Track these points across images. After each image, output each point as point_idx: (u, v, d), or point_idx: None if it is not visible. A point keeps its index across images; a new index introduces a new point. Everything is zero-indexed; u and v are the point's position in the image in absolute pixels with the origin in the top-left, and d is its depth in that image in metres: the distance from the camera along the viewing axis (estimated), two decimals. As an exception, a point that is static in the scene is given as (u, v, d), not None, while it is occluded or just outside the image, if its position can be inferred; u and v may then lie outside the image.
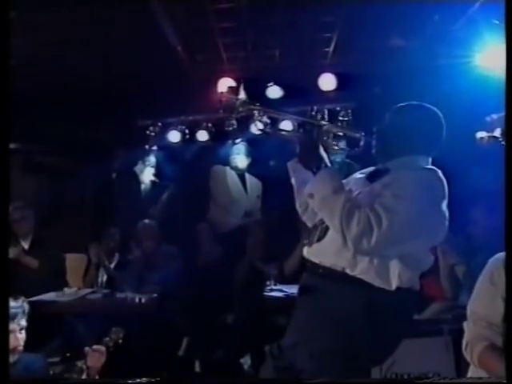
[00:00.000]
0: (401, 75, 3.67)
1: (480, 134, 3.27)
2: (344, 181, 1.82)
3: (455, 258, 2.85)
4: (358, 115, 4.21)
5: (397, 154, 1.71)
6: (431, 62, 3.38)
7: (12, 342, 1.84)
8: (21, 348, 1.86)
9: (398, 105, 1.78)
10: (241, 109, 1.75)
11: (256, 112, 1.79)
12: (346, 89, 4.10)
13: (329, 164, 1.69)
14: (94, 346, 1.96)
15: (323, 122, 1.75)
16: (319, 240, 1.72)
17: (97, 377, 1.93)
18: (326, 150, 1.72)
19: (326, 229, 1.69)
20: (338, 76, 4.02)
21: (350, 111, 4.21)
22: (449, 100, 3.55)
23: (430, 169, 1.69)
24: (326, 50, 3.79)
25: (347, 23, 3.28)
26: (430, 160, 1.75)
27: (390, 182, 1.63)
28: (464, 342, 1.60)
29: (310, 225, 1.89)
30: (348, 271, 1.63)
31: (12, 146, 4.79)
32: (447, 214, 1.65)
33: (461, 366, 1.71)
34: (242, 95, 1.73)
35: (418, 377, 2.38)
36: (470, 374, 1.63)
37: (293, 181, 1.88)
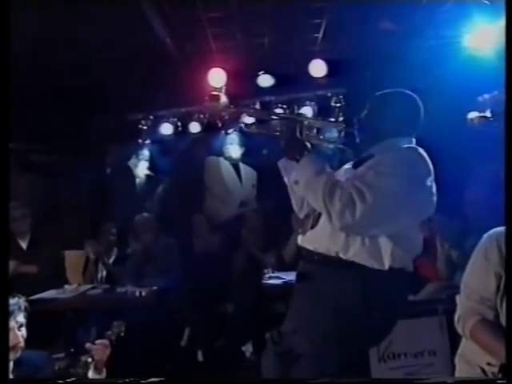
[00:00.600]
0: (391, 59, 3.67)
1: (471, 115, 3.29)
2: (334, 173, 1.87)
3: (451, 239, 2.89)
4: (350, 100, 4.26)
5: (379, 139, 1.78)
6: (421, 45, 3.37)
7: (12, 340, 1.84)
8: (22, 345, 1.87)
9: (376, 94, 1.86)
10: (223, 113, 1.82)
11: (239, 113, 1.85)
12: (336, 74, 4.09)
13: (310, 150, 1.76)
14: (98, 341, 1.98)
15: (304, 117, 1.82)
16: (312, 227, 1.77)
17: (104, 369, 1.96)
18: (309, 142, 1.78)
19: (319, 216, 1.74)
20: (329, 62, 4.00)
21: (341, 97, 4.27)
22: (439, 82, 3.57)
23: (411, 147, 1.75)
24: (316, 35, 3.78)
25: (336, 8, 3.26)
26: (414, 141, 1.80)
27: (373, 164, 1.69)
28: (456, 316, 1.64)
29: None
30: (341, 255, 1.67)
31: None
32: (433, 189, 1.69)
33: (455, 344, 1.74)
34: (224, 100, 1.79)
35: (418, 377, 2.43)
36: (461, 347, 1.67)
37: (285, 180, 1.92)
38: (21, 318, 1.89)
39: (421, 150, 1.71)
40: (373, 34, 3.59)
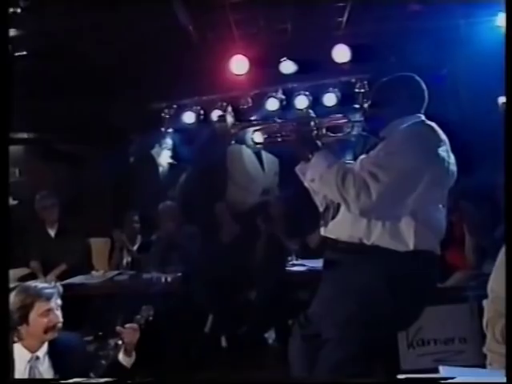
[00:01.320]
0: (417, 43, 3.57)
1: (503, 99, 3.19)
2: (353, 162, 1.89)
3: (480, 227, 2.82)
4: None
5: (388, 122, 1.78)
6: (449, 27, 3.27)
7: (53, 319, 1.94)
8: (60, 325, 1.95)
9: (377, 83, 1.89)
10: (233, 131, 1.79)
11: (246, 127, 1.84)
12: (360, 60, 4.01)
13: (319, 146, 1.76)
14: (128, 324, 2.03)
15: (312, 118, 1.81)
16: (333, 218, 1.78)
17: (133, 352, 2.01)
18: (320, 141, 1.78)
19: (338, 207, 1.76)
20: (353, 47, 3.93)
21: (365, 82, 4.19)
22: (469, 64, 3.47)
23: (417, 121, 1.75)
24: (340, 19, 3.71)
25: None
26: (422, 116, 1.79)
27: (382, 145, 1.71)
28: (484, 321, 1.61)
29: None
30: (365, 241, 1.67)
31: (31, 136, 4.87)
32: (450, 158, 1.68)
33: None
34: (230, 119, 1.79)
35: (418, 378, 2.39)
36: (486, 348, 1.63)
37: (306, 184, 1.90)
38: (59, 301, 1.96)
39: (428, 122, 1.72)
40: (399, 17, 3.50)
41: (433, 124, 1.72)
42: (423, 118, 1.80)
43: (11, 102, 1.60)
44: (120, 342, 1.99)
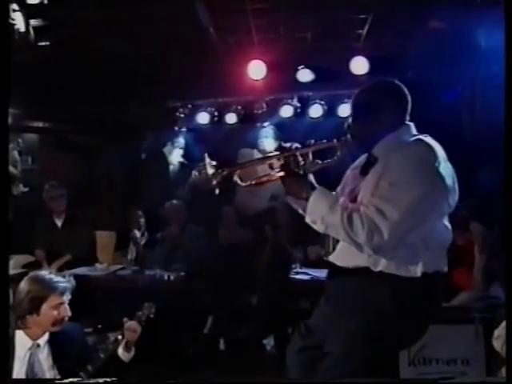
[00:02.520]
0: (437, 59, 3.57)
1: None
2: (343, 179, 1.84)
3: (489, 249, 2.80)
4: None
5: (377, 139, 1.69)
6: (470, 46, 3.26)
7: (63, 313, 1.97)
8: (67, 318, 1.97)
9: (355, 93, 1.78)
10: (214, 181, 1.71)
11: (228, 173, 1.72)
12: (378, 73, 4.01)
13: (316, 186, 1.68)
14: (129, 323, 2.04)
15: (296, 149, 1.71)
16: (334, 248, 1.73)
17: (133, 348, 2.01)
18: (307, 172, 1.70)
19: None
20: (371, 59, 3.93)
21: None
22: (488, 86, 3.45)
23: (415, 141, 1.65)
24: (360, 31, 3.71)
25: (383, 4, 3.19)
26: (411, 126, 1.71)
27: (381, 170, 1.62)
28: (496, 333, 1.59)
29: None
30: (372, 268, 1.64)
31: (46, 125, 4.93)
32: (451, 172, 1.61)
33: (491, 355, 1.68)
34: (210, 169, 1.72)
35: (418, 379, 2.36)
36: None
37: (300, 211, 1.83)
38: (69, 295, 1.99)
39: (424, 139, 1.64)
40: (419, 33, 3.50)
41: (429, 140, 1.64)
42: (413, 129, 1.70)
43: (9, 96, 1.60)
44: (120, 337, 1.99)
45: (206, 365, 3.28)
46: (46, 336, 1.95)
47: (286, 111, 4.33)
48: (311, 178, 1.71)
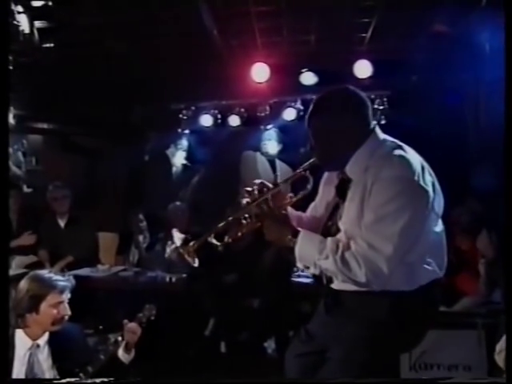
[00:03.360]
0: (441, 63, 3.56)
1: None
2: (318, 195, 1.77)
3: (493, 256, 2.78)
4: (393, 103, 4.17)
5: (347, 155, 1.58)
6: (474, 51, 3.25)
7: (62, 312, 1.98)
8: (67, 317, 1.97)
9: (310, 110, 1.63)
10: (188, 255, 1.63)
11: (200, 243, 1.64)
12: (381, 76, 4.01)
13: (298, 229, 1.60)
14: (129, 324, 2.04)
15: (265, 192, 1.64)
16: (330, 280, 1.67)
17: (133, 350, 2.01)
18: (283, 211, 1.65)
19: None
20: (374, 63, 3.92)
21: (385, 99, 4.18)
22: (491, 90, 3.43)
23: (388, 158, 1.53)
24: (363, 35, 3.71)
25: (387, 8, 3.18)
26: (377, 130, 1.60)
27: (360, 195, 1.53)
28: (498, 348, 1.57)
29: None
30: (369, 289, 1.59)
31: (50, 126, 4.96)
32: (428, 178, 1.52)
33: (492, 360, 1.67)
34: (176, 239, 1.66)
35: (418, 379, 2.34)
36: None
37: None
38: (69, 294, 2.00)
39: (398, 153, 1.52)
40: (422, 36, 3.49)
41: (403, 152, 1.52)
42: (381, 134, 1.59)
43: (9, 95, 1.61)
44: (120, 339, 1.99)
45: (206, 367, 3.28)
46: (46, 336, 1.96)
47: (289, 114, 4.33)
48: (291, 216, 1.64)
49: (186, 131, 4.73)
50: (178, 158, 4.93)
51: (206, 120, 4.53)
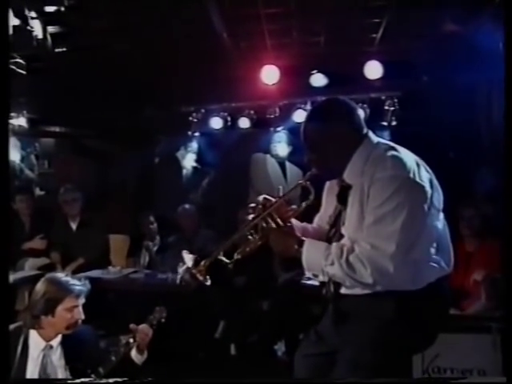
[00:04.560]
0: (452, 63, 3.52)
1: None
2: (323, 205, 1.80)
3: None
4: (404, 104, 4.14)
5: (344, 162, 1.63)
6: (485, 51, 3.21)
7: (77, 316, 2.00)
8: (80, 322, 1.99)
9: (303, 123, 1.69)
10: (200, 274, 1.66)
11: (211, 261, 1.68)
12: (392, 77, 3.98)
13: (303, 239, 1.63)
14: (141, 326, 2.05)
15: (268, 207, 1.67)
16: (336, 289, 1.68)
17: (146, 351, 2.03)
18: (288, 223, 1.67)
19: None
20: (385, 64, 3.90)
21: (395, 100, 4.15)
22: (501, 90, 3.39)
23: (381, 159, 1.57)
24: (374, 36, 3.69)
25: (398, 7, 3.16)
26: (372, 135, 1.65)
27: (359, 199, 1.57)
28: None
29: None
30: (377, 290, 1.60)
31: (62, 130, 5.02)
32: (424, 175, 1.55)
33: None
34: (187, 259, 1.69)
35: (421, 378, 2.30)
36: None
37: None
38: (84, 298, 2.03)
39: (391, 153, 1.56)
40: (433, 37, 3.46)
41: (396, 152, 1.56)
42: (374, 137, 1.64)
43: (9, 99, 1.63)
44: (131, 340, 2.01)
45: (216, 369, 3.28)
46: (59, 338, 1.98)
47: (299, 116, 4.32)
48: (296, 227, 1.67)
49: (196, 133, 4.75)
50: (188, 161, 4.95)
51: (216, 122, 4.55)
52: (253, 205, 1.71)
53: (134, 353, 2.00)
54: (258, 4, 3.21)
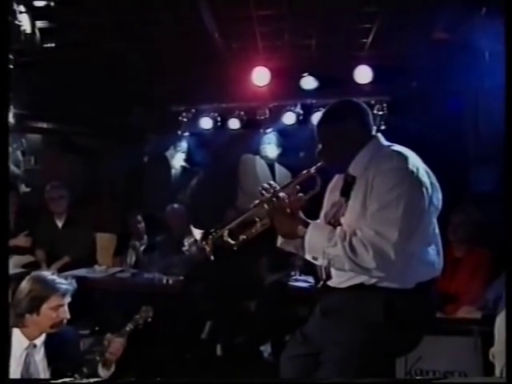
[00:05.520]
0: (441, 70, 3.57)
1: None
2: (325, 202, 1.85)
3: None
4: (393, 109, 4.18)
5: (350, 158, 1.73)
6: (474, 57, 3.26)
7: (62, 315, 1.98)
8: (65, 321, 1.97)
9: (318, 122, 1.82)
10: (207, 246, 1.72)
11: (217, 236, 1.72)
12: (382, 82, 4.03)
13: (308, 221, 1.68)
14: (113, 344, 2.02)
15: (278, 191, 1.73)
16: (328, 275, 1.74)
17: (113, 365, 2.00)
18: (295, 210, 1.70)
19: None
20: (375, 68, 3.94)
21: (384, 105, 4.19)
22: (490, 97, 3.45)
23: (387, 154, 1.67)
24: (364, 41, 3.72)
25: (388, 14, 3.20)
26: (380, 136, 1.76)
27: (363, 190, 1.64)
28: (491, 353, 1.58)
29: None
30: (366, 283, 1.65)
31: (50, 126, 4.96)
32: (425, 174, 1.64)
33: (489, 367, 1.67)
34: (196, 233, 1.76)
35: (417, 379, 2.34)
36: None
37: (294, 251, 1.84)
38: (69, 297, 2.01)
39: (396, 149, 1.68)
40: (424, 43, 3.50)
41: (398, 148, 1.68)
42: (382, 139, 1.75)
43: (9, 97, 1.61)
44: (98, 358, 1.96)
45: (202, 370, 3.27)
46: (43, 337, 1.95)
47: (289, 118, 4.34)
48: (301, 214, 1.71)
49: (186, 133, 4.74)
50: (178, 160, 4.93)
51: (206, 122, 4.54)
52: (260, 188, 1.75)
53: (100, 367, 1.98)
54: (250, 6, 3.22)
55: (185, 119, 4.59)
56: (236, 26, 3.55)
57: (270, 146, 4.65)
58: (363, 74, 3.94)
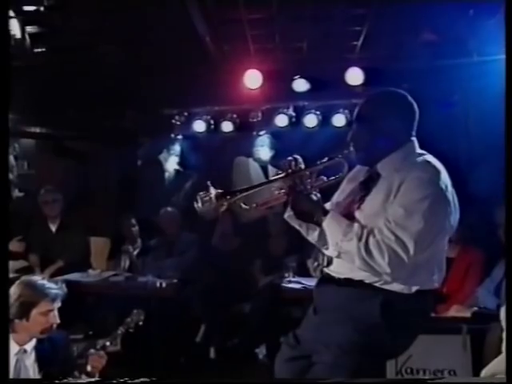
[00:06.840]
0: (431, 72, 3.60)
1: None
2: (339, 191, 1.81)
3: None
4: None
5: (382, 154, 1.66)
6: (462, 59, 3.30)
7: (52, 320, 1.97)
8: (55, 326, 1.96)
9: (360, 104, 1.73)
10: (221, 209, 1.68)
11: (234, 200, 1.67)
12: (373, 84, 4.04)
13: (327, 209, 1.66)
14: (93, 357, 2.01)
15: (302, 170, 1.66)
16: (329, 261, 1.72)
17: (97, 376, 1.99)
18: (313, 191, 1.67)
19: None
20: (366, 70, 3.96)
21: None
22: (478, 99, 3.48)
23: (421, 163, 1.62)
24: (355, 43, 3.75)
25: (378, 16, 3.23)
26: (415, 142, 1.69)
27: (387, 189, 1.60)
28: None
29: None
30: (366, 281, 1.64)
31: (43, 131, 4.95)
32: (452, 193, 1.61)
33: (478, 365, 1.68)
34: (212, 191, 1.68)
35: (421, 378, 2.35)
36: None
37: (297, 227, 1.78)
38: (60, 303, 1.99)
39: (431, 161, 1.63)
40: (414, 45, 3.54)
41: (433, 161, 1.62)
42: (417, 147, 1.68)
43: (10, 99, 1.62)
44: (79, 373, 1.95)
45: (197, 373, 3.27)
46: (33, 342, 1.95)
47: (281, 120, 4.36)
48: (318, 198, 1.67)
49: (179, 136, 4.73)
50: (171, 164, 4.93)
51: (199, 125, 4.54)
52: (285, 162, 1.69)
53: (83, 378, 1.96)
54: (241, 9, 3.24)
55: (178, 122, 4.59)
56: (227, 29, 3.57)
57: (263, 149, 4.67)
58: (354, 76, 3.96)
